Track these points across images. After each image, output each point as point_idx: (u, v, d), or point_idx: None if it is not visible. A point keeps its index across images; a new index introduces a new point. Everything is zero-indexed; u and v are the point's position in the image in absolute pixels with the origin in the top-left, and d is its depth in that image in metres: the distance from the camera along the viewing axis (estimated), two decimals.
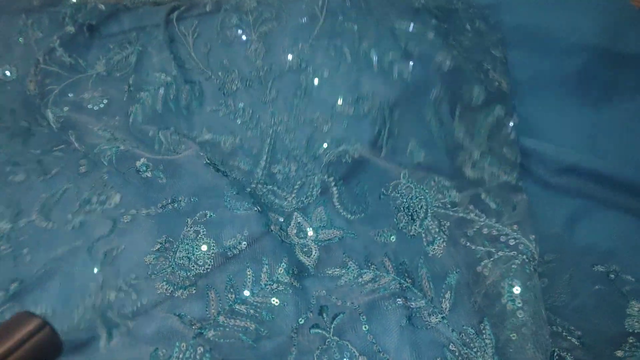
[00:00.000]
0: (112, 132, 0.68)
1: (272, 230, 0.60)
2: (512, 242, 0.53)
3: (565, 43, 0.72)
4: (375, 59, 0.68)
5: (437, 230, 0.58)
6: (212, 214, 0.61)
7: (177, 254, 0.58)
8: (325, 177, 0.64)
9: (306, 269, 0.59)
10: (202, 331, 0.53)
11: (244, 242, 0.58)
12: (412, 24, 0.69)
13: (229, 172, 0.65)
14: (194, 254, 0.58)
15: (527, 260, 0.52)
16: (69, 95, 0.71)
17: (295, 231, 0.62)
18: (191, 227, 0.60)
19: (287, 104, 0.70)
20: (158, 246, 0.59)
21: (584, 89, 0.72)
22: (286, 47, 0.72)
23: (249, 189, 0.64)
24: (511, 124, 0.65)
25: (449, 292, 0.54)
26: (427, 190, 0.61)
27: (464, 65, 0.68)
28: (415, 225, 0.59)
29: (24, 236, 0.61)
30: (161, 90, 0.70)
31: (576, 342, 0.49)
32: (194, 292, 0.56)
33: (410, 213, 0.60)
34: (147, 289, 0.56)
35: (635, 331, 0.52)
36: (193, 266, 0.57)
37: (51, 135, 0.70)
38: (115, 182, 0.65)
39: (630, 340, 0.51)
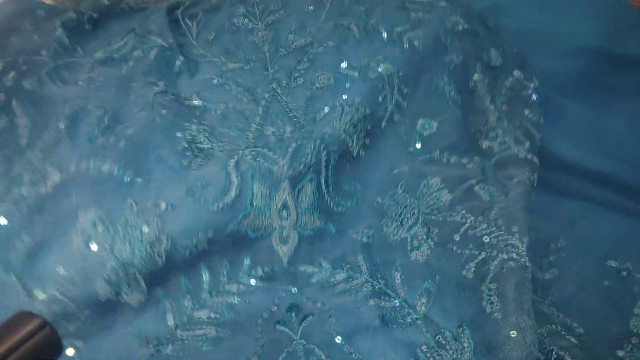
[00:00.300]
0: (105, 106, 0.63)
1: (241, 224, 0.54)
2: (494, 241, 0.52)
3: (566, 45, 0.72)
4: (384, 32, 0.67)
5: (424, 237, 0.56)
6: (170, 205, 0.53)
7: (117, 243, 0.50)
8: (321, 147, 0.58)
9: (279, 261, 0.56)
10: (160, 348, 0.50)
11: (205, 243, 0.52)
12: None
13: (216, 141, 0.60)
14: (140, 249, 0.50)
15: (506, 259, 0.51)
16: (64, 73, 0.67)
17: (278, 208, 0.56)
18: (140, 216, 0.52)
19: (288, 71, 0.68)
20: (87, 223, 0.52)
21: (585, 91, 0.71)
22: (293, 31, 0.72)
23: (234, 159, 0.57)
24: (532, 85, 0.65)
25: (425, 296, 0.53)
26: (420, 199, 0.59)
27: (478, 29, 0.67)
28: (403, 230, 0.58)
29: None
30: (155, 49, 0.68)
31: (575, 341, 0.49)
32: (143, 299, 0.50)
33: (400, 219, 0.59)
34: (85, 291, 0.49)
35: None
36: (139, 262, 0.49)
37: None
38: (62, 156, 0.58)
39: (634, 341, 0.50)
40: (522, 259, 0.50)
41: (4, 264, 0.50)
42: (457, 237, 0.55)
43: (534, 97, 0.65)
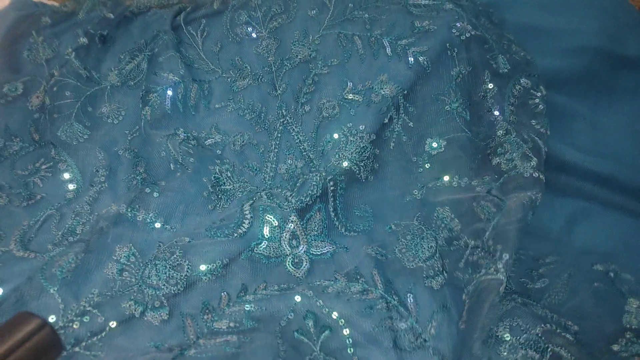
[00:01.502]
0: (133, 148, 0.68)
1: (254, 252, 0.58)
2: (482, 262, 0.53)
3: (567, 44, 0.72)
4: (388, 47, 0.66)
5: (440, 269, 0.57)
6: (191, 240, 0.59)
7: (146, 271, 0.56)
8: (327, 178, 0.62)
9: (294, 280, 0.58)
10: (183, 351, 0.51)
11: (221, 269, 0.57)
12: None
13: (237, 181, 0.65)
14: (164, 273, 0.55)
15: (485, 275, 0.51)
16: (89, 109, 0.71)
17: (288, 238, 0.60)
18: (166, 250, 0.58)
19: (294, 93, 0.69)
20: (123, 256, 0.57)
21: (585, 90, 0.71)
22: (296, 39, 0.72)
23: (252, 201, 0.62)
24: (539, 94, 0.64)
25: (436, 320, 0.54)
26: (436, 232, 0.60)
27: (485, 35, 0.66)
28: (419, 260, 0.59)
29: None
30: (169, 90, 0.70)
31: (571, 338, 0.49)
32: (165, 317, 0.54)
33: (416, 250, 0.59)
34: (113, 308, 0.53)
35: (633, 327, 0.51)
36: (163, 285, 0.55)
37: (40, 154, 0.69)
38: (106, 205, 0.64)
39: (628, 335, 0.50)
40: (499, 274, 0.50)
41: (50, 278, 0.55)
42: (461, 264, 0.56)
43: (541, 106, 0.64)
